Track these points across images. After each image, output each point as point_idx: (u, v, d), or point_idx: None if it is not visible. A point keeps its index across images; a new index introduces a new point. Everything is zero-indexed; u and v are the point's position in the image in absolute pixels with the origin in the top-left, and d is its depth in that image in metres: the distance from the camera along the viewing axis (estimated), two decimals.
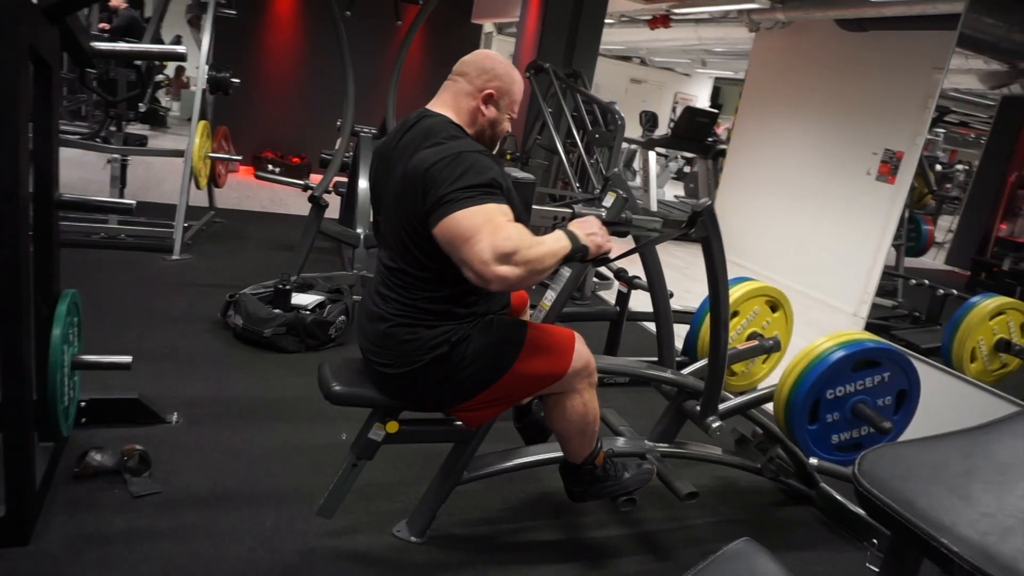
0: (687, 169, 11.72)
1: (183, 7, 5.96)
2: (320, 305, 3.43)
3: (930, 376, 2.91)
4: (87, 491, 2.02)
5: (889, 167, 5.79)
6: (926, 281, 4.05)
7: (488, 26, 9.11)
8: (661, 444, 2.30)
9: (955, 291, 3.84)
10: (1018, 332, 3.21)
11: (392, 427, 1.85)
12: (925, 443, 1.21)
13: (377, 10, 6.60)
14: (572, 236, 1.59)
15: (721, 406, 2.20)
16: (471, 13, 8.35)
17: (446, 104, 1.72)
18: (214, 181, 4.77)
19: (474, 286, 1.66)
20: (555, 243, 1.55)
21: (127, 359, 2.10)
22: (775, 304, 2.77)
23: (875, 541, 2.37)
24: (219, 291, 3.60)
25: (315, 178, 5.07)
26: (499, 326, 1.74)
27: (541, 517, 2.29)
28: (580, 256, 1.61)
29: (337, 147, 4.08)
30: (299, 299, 3.40)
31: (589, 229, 1.64)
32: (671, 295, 3.52)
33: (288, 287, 3.35)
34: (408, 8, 6.28)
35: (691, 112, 8.23)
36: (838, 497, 2.54)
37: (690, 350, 2.72)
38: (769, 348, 2.64)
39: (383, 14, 6.65)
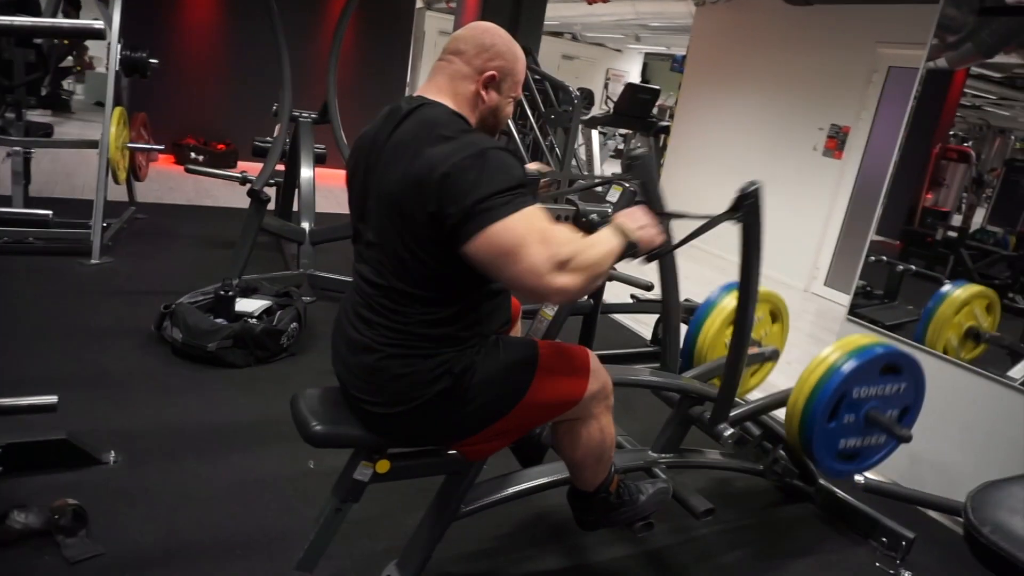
0: (623, 147, 11.65)
1: None
2: (268, 311, 3.10)
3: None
4: (11, 561, 1.69)
5: (836, 142, 5.81)
6: (884, 257, 4.04)
7: (419, 2, 8.71)
8: (666, 455, 2.13)
9: (913, 267, 3.84)
10: (983, 317, 3.20)
11: (383, 467, 1.59)
12: None
13: None
14: (623, 231, 1.42)
15: (732, 412, 2.04)
16: None
17: (441, 89, 1.45)
18: (134, 174, 4.30)
19: (479, 304, 1.44)
20: (608, 242, 1.38)
21: (52, 400, 1.76)
22: (776, 313, 2.66)
23: (884, 540, 2.29)
24: (149, 299, 3.22)
25: (247, 168, 4.65)
26: (507, 349, 1.51)
27: (542, 543, 2.09)
28: (631, 253, 1.44)
29: (276, 134, 3.71)
30: (243, 306, 3.06)
31: (639, 222, 1.46)
32: (650, 286, 3.37)
33: (231, 293, 3.01)
34: None
35: (633, 89, 8.09)
36: (839, 493, 2.44)
37: (688, 351, 2.56)
38: (768, 357, 2.53)
39: None
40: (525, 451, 2.01)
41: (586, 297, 3.29)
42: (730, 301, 2.57)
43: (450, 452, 1.65)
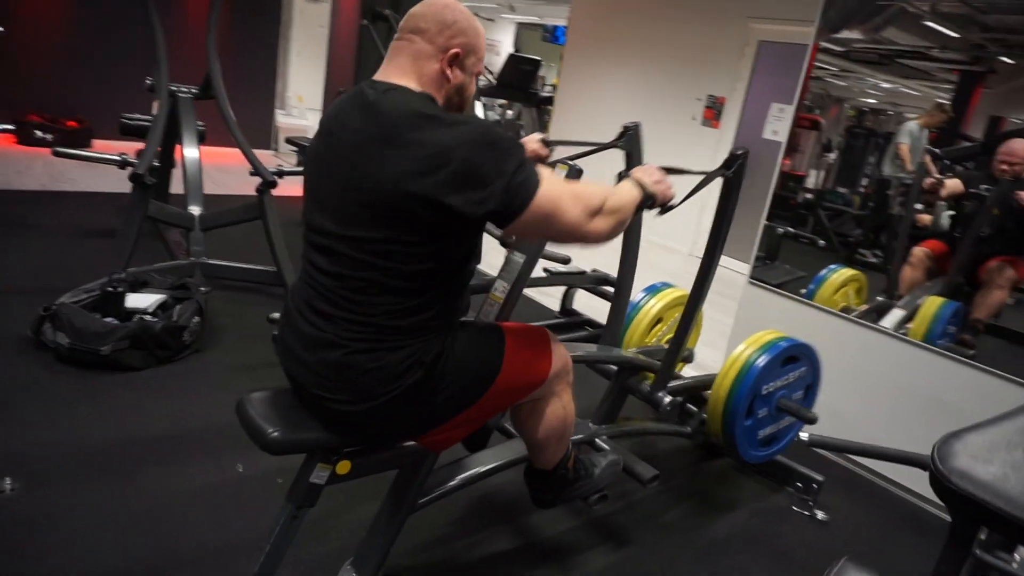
0: (504, 117, 11.66)
1: None
2: (163, 306, 2.85)
3: (801, 312, 3.10)
4: None
5: (713, 112, 6.11)
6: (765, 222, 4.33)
7: None
8: (607, 425, 2.18)
9: (791, 228, 4.15)
10: (855, 297, 3.51)
11: (344, 468, 1.51)
12: (985, 429, 1.17)
13: None
14: (640, 184, 1.52)
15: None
16: None
17: (404, 71, 1.36)
18: None
19: (451, 291, 1.39)
20: (629, 191, 1.49)
21: None
22: None
23: (799, 485, 2.48)
24: (15, 300, 2.88)
25: (104, 146, 4.19)
26: (473, 334, 1.47)
27: (493, 524, 2.08)
28: (649, 204, 1.54)
29: (155, 111, 3.36)
30: (134, 302, 2.79)
31: (654, 176, 1.56)
32: (567, 260, 3.41)
33: (120, 289, 2.73)
34: None
35: (515, 60, 8.09)
36: None
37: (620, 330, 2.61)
38: (686, 358, 2.68)
39: None
40: (472, 436, 1.98)
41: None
42: (654, 303, 2.67)
43: (409, 444, 1.60)
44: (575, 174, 1.84)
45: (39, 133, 5.96)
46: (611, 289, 3.49)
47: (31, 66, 6.06)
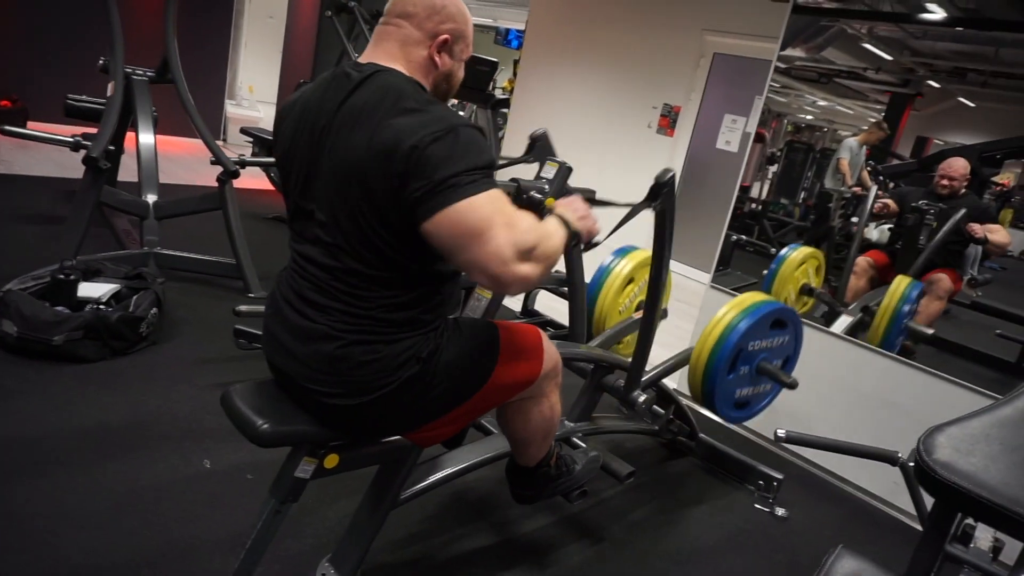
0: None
1: None
2: (116, 296, 2.73)
3: None
4: None
5: (668, 120, 6.24)
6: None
7: None
8: (582, 423, 2.20)
9: (744, 237, 4.29)
10: (814, 276, 3.67)
11: (331, 461, 1.49)
12: (965, 423, 1.24)
13: None
14: (566, 222, 1.39)
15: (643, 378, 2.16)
16: None
17: (392, 56, 1.34)
18: None
19: (440, 287, 1.38)
20: (559, 232, 1.36)
21: None
22: None
23: (760, 483, 2.56)
24: None
25: (41, 128, 3.97)
26: (468, 332, 1.46)
27: (468, 521, 2.08)
28: (574, 243, 1.41)
29: (110, 93, 3.21)
30: (87, 291, 2.67)
31: (579, 212, 1.44)
32: None
33: (72, 277, 2.61)
34: None
35: (473, 60, 8.06)
36: (718, 445, 2.69)
37: (583, 328, 2.64)
38: (660, 317, 2.67)
39: None
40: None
41: None
42: (625, 264, 2.69)
43: (396, 440, 1.58)
44: (565, 172, 1.85)
45: None
46: None
47: None
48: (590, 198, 1.84)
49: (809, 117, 5.00)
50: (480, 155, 1.21)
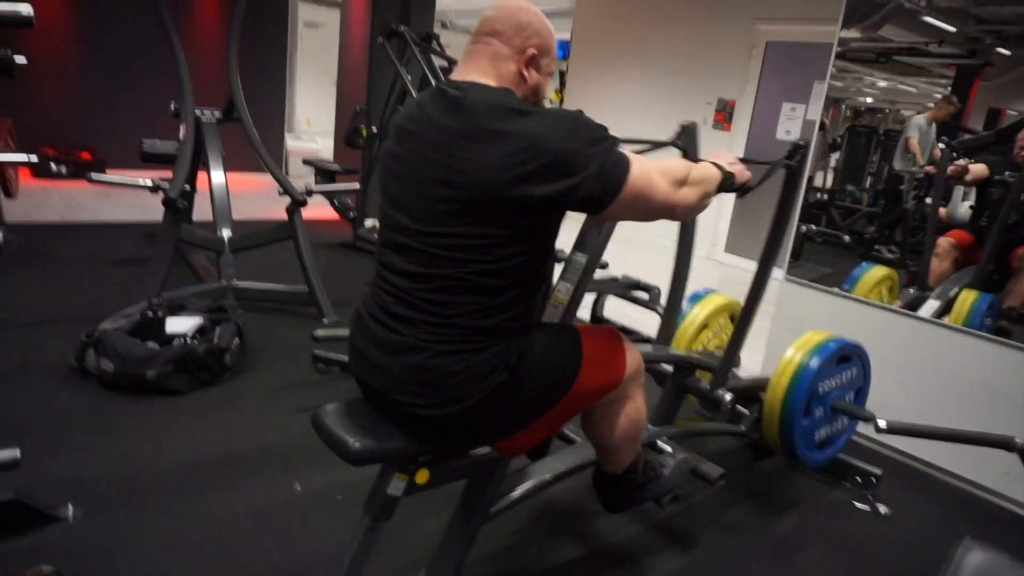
0: None
1: None
2: (201, 330, 2.83)
3: (842, 306, 3.09)
4: None
5: (724, 115, 6.12)
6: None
7: None
8: (666, 426, 2.16)
9: (814, 226, 4.15)
10: (888, 296, 3.50)
11: (423, 477, 1.49)
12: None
13: None
14: (717, 165, 1.53)
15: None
16: None
17: (485, 72, 1.37)
18: (4, 190, 3.78)
19: (529, 291, 1.38)
20: (709, 168, 1.51)
21: (13, 454, 1.50)
22: (735, 318, 2.78)
23: (857, 479, 2.45)
24: (51, 329, 2.87)
25: (120, 174, 4.18)
26: (551, 335, 1.46)
27: (559, 533, 2.06)
28: (729, 183, 1.55)
29: (182, 135, 3.37)
30: (174, 326, 2.78)
31: (728, 159, 1.58)
32: (605, 264, 3.40)
33: (160, 314, 2.72)
34: None
35: None
36: None
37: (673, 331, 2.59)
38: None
39: None
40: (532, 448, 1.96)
41: None
42: (699, 311, 2.64)
43: (484, 452, 1.58)
44: None
45: (54, 166, 5.99)
46: (644, 295, 3.47)
47: (36, 100, 6.09)
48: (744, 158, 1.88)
49: (869, 100, 4.82)
50: (601, 128, 1.31)
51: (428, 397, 1.34)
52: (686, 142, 1.87)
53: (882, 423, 1.65)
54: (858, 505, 2.38)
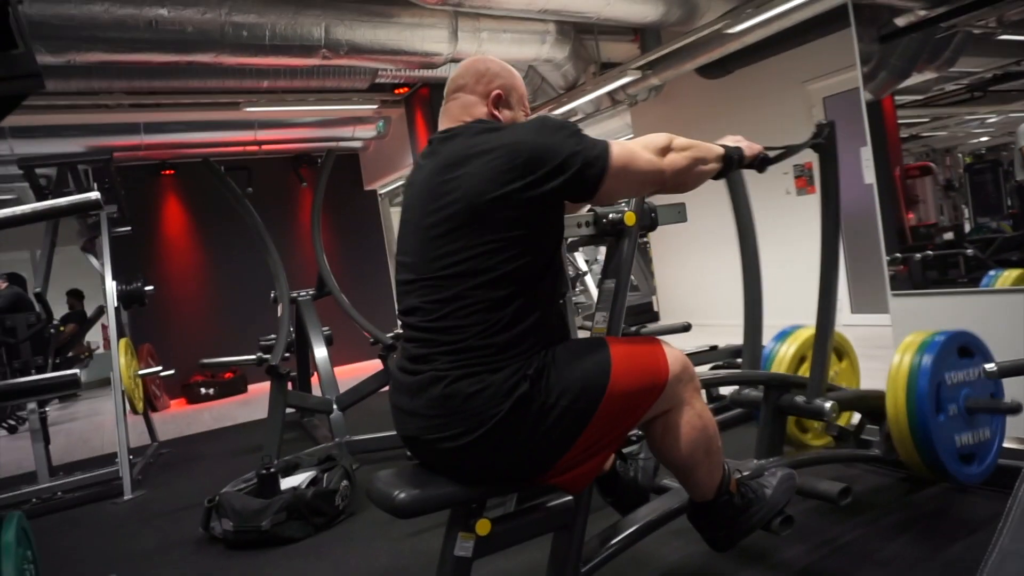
0: None
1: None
2: (313, 481, 2.93)
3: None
4: None
5: (804, 180, 5.98)
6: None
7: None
8: (774, 458, 1.94)
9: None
10: None
11: (483, 528, 1.42)
12: None
13: (271, 183, 6.69)
14: (722, 144, 1.55)
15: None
16: (362, 181, 8.45)
17: (457, 120, 1.51)
18: (151, 404, 4.25)
19: (538, 300, 1.37)
20: (706, 144, 1.52)
21: None
22: (840, 351, 2.61)
23: None
24: (191, 511, 3.05)
25: (259, 388, 4.61)
26: (575, 345, 1.43)
27: None
28: (738, 158, 1.55)
29: (280, 315, 3.73)
30: (289, 483, 2.89)
31: (735, 138, 1.59)
32: (688, 327, 3.28)
33: (273, 469, 2.86)
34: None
35: None
36: None
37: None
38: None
39: (277, 186, 6.77)
40: (624, 500, 1.82)
41: None
42: (788, 347, 2.46)
43: (554, 501, 1.48)
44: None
45: (203, 390, 6.68)
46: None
47: (182, 331, 6.98)
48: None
49: (985, 139, 4.52)
50: (570, 122, 1.41)
51: (454, 427, 1.32)
52: (826, 140, 1.93)
53: (991, 366, 1.41)
54: None
